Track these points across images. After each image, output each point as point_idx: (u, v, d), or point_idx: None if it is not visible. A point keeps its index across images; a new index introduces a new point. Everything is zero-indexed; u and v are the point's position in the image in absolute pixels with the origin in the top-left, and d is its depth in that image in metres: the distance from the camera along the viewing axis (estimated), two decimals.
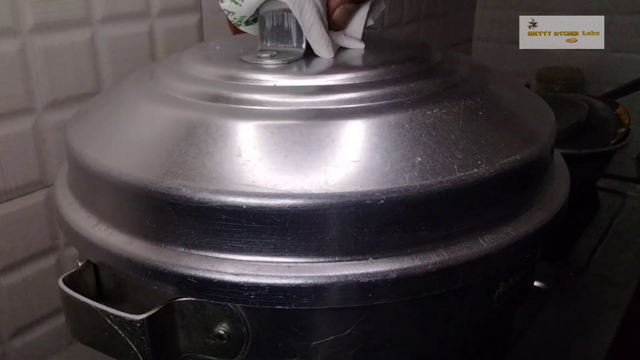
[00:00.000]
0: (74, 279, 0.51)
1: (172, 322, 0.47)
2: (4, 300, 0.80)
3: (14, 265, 0.80)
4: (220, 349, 0.48)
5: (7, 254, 0.79)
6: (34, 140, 0.78)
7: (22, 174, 0.78)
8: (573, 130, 1.05)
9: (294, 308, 0.45)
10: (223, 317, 0.47)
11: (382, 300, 0.45)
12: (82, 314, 0.48)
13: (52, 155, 0.80)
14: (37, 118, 0.78)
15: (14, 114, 0.76)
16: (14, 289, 0.81)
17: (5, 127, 0.75)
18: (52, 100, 0.79)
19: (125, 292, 0.52)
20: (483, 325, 0.54)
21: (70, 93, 0.81)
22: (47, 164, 0.80)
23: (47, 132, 0.80)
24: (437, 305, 0.49)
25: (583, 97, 1.19)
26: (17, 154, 0.77)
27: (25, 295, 0.82)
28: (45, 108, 0.79)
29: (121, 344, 0.46)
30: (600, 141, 1.06)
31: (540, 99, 0.62)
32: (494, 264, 0.48)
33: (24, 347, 0.83)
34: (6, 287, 0.80)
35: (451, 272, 0.46)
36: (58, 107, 0.80)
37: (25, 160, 0.78)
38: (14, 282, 0.80)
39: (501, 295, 0.53)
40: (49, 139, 0.80)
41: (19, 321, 0.83)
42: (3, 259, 0.79)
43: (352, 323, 0.47)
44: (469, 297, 0.51)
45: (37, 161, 0.79)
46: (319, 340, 0.47)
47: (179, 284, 0.45)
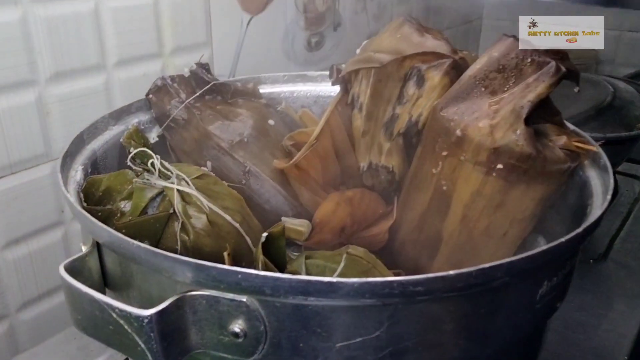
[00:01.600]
0: (77, 266, 0.45)
1: (183, 318, 0.41)
2: (10, 273, 0.76)
3: (20, 239, 0.76)
4: (236, 347, 0.42)
5: (13, 228, 0.75)
6: (37, 112, 0.73)
7: (27, 147, 0.73)
8: (595, 111, 0.98)
9: (317, 304, 0.40)
10: (238, 314, 0.41)
11: (419, 298, 0.40)
12: (85, 305, 0.42)
13: (57, 128, 0.76)
14: (40, 90, 0.73)
15: (17, 85, 0.70)
16: (21, 262, 0.77)
17: (8, 99, 0.70)
18: (56, 72, 0.74)
19: (132, 280, 0.46)
20: (523, 327, 0.48)
21: (74, 65, 0.76)
22: (51, 137, 0.76)
23: (51, 105, 0.74)
24: (476, 306, 0.43)
25: (605, 77, 1.12)
26: (21, 127, 0.72)
27: (33, 268, 0.78)
28: (49, 80, 0.73)
29: (127, 339, 0.41)
30: (625, 124, 0.99)
31: None
32: (539, 261, 0.43)
33: (31, 320, 0.80)
34: (12, 261, 0.76)
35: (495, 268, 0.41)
36: (62, 79, 0.75)
37: (30, 133, 0.73)
38: (20, 256, 0.76)
39: (543, 295, 0.47)
40: (53, 112, 0.74)
41: (26, 294, 0.79)
42: (9, 232, 0.74)
43: (382, 324, 0.41)
44: (511, 297, 0.45)
45: (41, 134, 0.74)
46: (344, 342, 0.42)
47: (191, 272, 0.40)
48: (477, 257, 0.61)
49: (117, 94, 0.81)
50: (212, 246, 0.52)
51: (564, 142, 0.58)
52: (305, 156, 0.64)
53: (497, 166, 0.56)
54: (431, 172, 0.60)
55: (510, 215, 0.58)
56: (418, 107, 0.63)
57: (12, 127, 0.71)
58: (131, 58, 0.81)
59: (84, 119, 0.66)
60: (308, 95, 0.79)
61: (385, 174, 0.67)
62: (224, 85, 0.70)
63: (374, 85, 0.64)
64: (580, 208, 0.56)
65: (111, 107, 0.77)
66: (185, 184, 0.54)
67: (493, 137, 0.55)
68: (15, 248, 0.76)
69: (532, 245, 0.64)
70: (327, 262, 0.51)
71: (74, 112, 0.76)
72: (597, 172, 0.58)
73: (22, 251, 0.76)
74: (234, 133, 0.66)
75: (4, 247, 0.74)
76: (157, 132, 0.68)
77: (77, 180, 0.54)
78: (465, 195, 0.58)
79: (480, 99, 0.58)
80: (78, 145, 0.59)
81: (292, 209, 0.66)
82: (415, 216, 0.63)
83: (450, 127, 0.58)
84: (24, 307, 0.79)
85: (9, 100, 0.70)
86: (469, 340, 0.46)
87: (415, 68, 0.63)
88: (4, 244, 0.74)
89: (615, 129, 0.98)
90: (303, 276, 0.39)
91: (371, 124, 0.66)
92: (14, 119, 0.71)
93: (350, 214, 0.63)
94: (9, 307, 0.77)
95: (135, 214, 0.52)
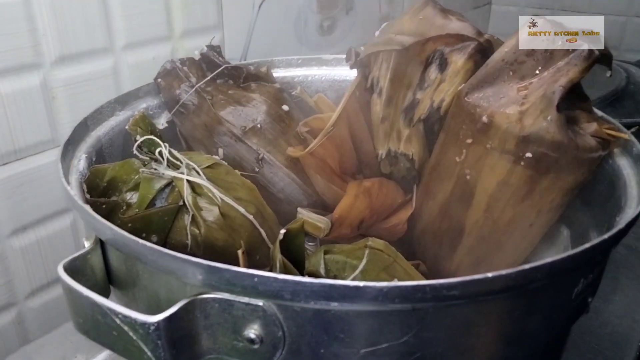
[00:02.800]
0: (78, 265, 0.39)
1: (193, 322, 0.36)
2: (18, 261, 0.71)
3: (28, 226, 0.71)
4: (251, 353, 0.37)
5: (20, 215, 0.70)
6: (43, 97, 0.68)
7: (32, 133, 0.68)
8: (611, 97, 0.92)
9: (340, 309, 0.34)
10: (254, 319, 0.36)
11: (451, 302, 0.34)
12: (86, 309, 0.37)
13: (63, 113, 0.70)
14: (45, 74, 0.67)
15: (20, 69, 0.65)
16: (29, 250, 0.72)
17: (12, 83, 0.65)
18: (61, 55, 0.68)
19: (138, 280, 0.41)
20: (556, 326, 0.43)
21: (80, 48, 0.70)
22: (58, 123, 0.70)
23: (57, 89, 0.69)
24: (512, 308, 0.38)
25: (617, 62, 1.06)
26: (26, 112, 0.67)
27: (40, 256, 0.74)
28: (54, 63, 0.68)
29: (132, 346, 0.36)
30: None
31: None
32: (581, 260, 0.37)
33: (40, 308, 0.76)
34: (19, 249, 0.71)
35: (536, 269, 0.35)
36: (68, 63, 0.69)
37: (35, 118, 0.68)
38: (28, 243, 0.72)
39: (578, 294, 0.42)
40: (59, 96, 0.69)
41: (34, 282, 0.74)
42: (15, 219, 0.69)
43: (410, 329, 0.36)
44: (548, 297, 0.40)
45: (47, 119, 0.69)
46: (368, 348, 0.36)
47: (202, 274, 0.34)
48: (500, 248, 0.55)
49: (125, 78, 0.75)
50: (225, 240, 0.47)
51: (594, 129, 0.52)
52: (321, 144, 0.58)
53: (525, 155, 0.50)
54: (454, 161, 0.54)
55: (537, 206, 0.53)
56: (440, 92, 0.57)
57: (16, 112, 0.66)
58: (140, 41, 0.75)
59: (91, 104, 0.60)
60: (323, 79, 0.73)
61: (405, 161, 0.61)
62: (236, 69, 0.65)
63: (394, 68, 0.58)
64: (612, 198, 0.51)
65: (120, 91, 0.71)
66: (196, 174, 0.49)
67: (522, 124, 0.50)
68: (22, 235, 0.71)
69: (554, 235, 0.58)
70: (347, 258, 0.45)
71: (81, 96, 0.70)
72: (629, 161, 0.53)
73: (30, 238, 0.72)
74: (246, 119, 0.61)
75: (10, 234, 0.69)
76: (167, 117, 0.62)
77: (80, 170, 0.48)
78: (491, 185, 0.53)
79: (508, 84, 0.52)
80: (81, 132, 0.54)
81: (307, 198, 0.61)
82: (436, 206, 0.58)
83: (476, 114, 0.52)
84: (32, 295, 0.74)
85: (12, 84, 0.64)
86: (502, 343, 0.40)
87: (438, 51, 0.57)
88: (11, 232, 0.69)
89: (630, 115, 0.92)
90: (326, 280, 0.33)
91: (391, 110, 0.60)
92: (18, 103, 0.65)
93: (368, 206, 0.58)
94: (17, 295, 0.73)
95: (142, 207, 0.46)
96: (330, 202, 0.60)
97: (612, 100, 0.93)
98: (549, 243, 0.58)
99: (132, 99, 0.62)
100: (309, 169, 0.59)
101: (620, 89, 0.95)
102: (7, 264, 0.70)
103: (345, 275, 0.44)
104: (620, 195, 0.50)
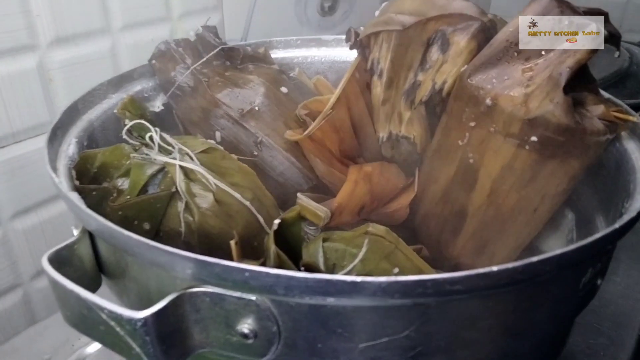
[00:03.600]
0: (64, 255, 0.37)
1: (184, 317, 0.33)
2: (21, 243, 0.69)
3: (30, 208, 0.69)
4: (246, 347, 0.34)
5: (21, 197, 0.67)
6: (40, 79, 0.65)
7: (30, 116, 0.65)
8: (613, 78, 0.88)
9: (337, 304, 0.32)
10: (247, 313, 0.33)
11: (455, 296, 0.31)
12: (72, 302, 0.34)
13: (61, 95, 0.67)
14: (41, 56, 0.64)
15: (15, 50, 0.62)
16: (31, 232, 0.70)
17: (7, 65, 0.61)
18: (57, 36, 0.65)
19: (127, 271, 0.38)
20: (562, 317, 0.40)
21: (76, 29, 0.66)
22: (56, 105, 0.67)
23: (53, 72, 0.65)
24: (518, 301, 0.35)
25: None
26: (22, 94, 0.63)
27: (44, 237, 0.71)
28: (50, 45, 0.64)
29: (120, 341, 0.33)
30: None
31: None
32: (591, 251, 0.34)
33: (45, 288, 0.74)
34: (22, 231, 0.69)
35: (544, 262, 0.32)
36: (64, 45, 0.66)
37: (32, 100, 0.65)
38: (30, 225, 0.69)
39: (586, 283, 0.39)
40: (56, 78, 0.66)
41: (39, 263, 0.70)
42: (16, 202, 0.67)
43: (411, 323, 0.33)
44: (555, 289, 0.36)
45: (45, 102, 0.66)
46: (368, 343, 0.34)
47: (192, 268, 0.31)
48: (504, 233, 0.52)
49: (124, 60, 0.72)
50: (220, 227, 0.44)
51: (602, 111, 0.49)
52: (320, 127, 0.55)
53: (530, 139, 0.47)
54: (457, 144, 0.51)
55: (542, 190, 0.49)
56: (442, 73, 0.54)
57: (12, 95, 0.62)
58: (138, 22, 0.72)
59: (89, 86, 0.57)
60: (323, 60, 0.69)
61: (406, 144, 0.58)
62: (233, 50, 0.61)
63: (395, 49, 0.54)
64: (619, 183, 0.47)
65: (118, 73, 0.68)
66: (189, 159, 0.45)
67: (527, 106, 0.46)
68: (25, 217, 0.68)
69: (559, 219, 0.55)
70: (347, 246, 0.42)
71: (79, 79, 0.67)
72: (637, 145, 0.49)
73: (32, 220, 0.69)
74: (244, 101, 0.57)
75: (12, 217, 0.67)
76: (163, 100, 0.59)
77: (70, 155, 0.45)
78: (494, 169, 0.50)
79: (512, 65, 0.49)
80: (72, 115, 0.50)
81: (307, 182, 0.57)
82: (439, 190, 0.54)
83: (479, 96, 0.48)
84: (37, 276, 0.72)
85: (7, 66, 0.61)
86: (507, 337, 0.37)
87: (440, 31, 0.53)
88: (12, 214, 0.67)
89: (634, 96, 0.88)
90: (321, 275, 0.30)
91: (391, 92, 0.56)
92: (14, 86, 0.62)
93: (369, 192, 0.54)
94: (22, 276, 0.71)
95: (133, 193, 0.43)
96: (331, 186, 0.57)
97: (615, 82, 0.89)
98: (553, 227, 0.55)
99: (126, 81, 0.58)
100: (309, 152, 0.56)
101: (623, 70, 0.91)
102: (10, 246, 0.68)
103: (345, 264, 0.41)
104: (628, 180, 0.46)
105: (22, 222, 0.68)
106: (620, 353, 0.58)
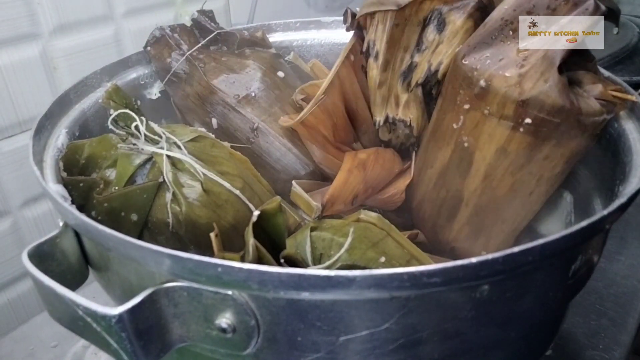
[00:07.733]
0: (46, 250, 0.35)
1: (161, 312, 0.32)
2: (32, 230, 0.68)
3: (39, 196, 0.68)
4: (226, 341, 0.33)
5: (30, 186, 0.67)
6: (44, 68, 0.63)
7: (35, 104, 0.64)
8: (621, 54, 0.84)
9: (312, 299, 0.30)
10: (225, 307, 0.31)
11: (433, 289, 0.29)
12: (52, 298, 0.33)
13: (66, 83, 0.65)
14: (44, 44, 0.63)
15: (18, 39, 0.60)
16: (42, 219, 0.69)
17: (10, 54, 0.60)
18: (59, 24, 0.63)
19: (109, 263, 0.36)
20: (551, 306, 0.38)
21: (78, 16, 0.65)
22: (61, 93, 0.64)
23: (57, 60, 0.64)
24: (502, 291, 0.33)
25: (628, 17, 0.97)
26: (27, 83, 0.62)
27: (54, 225, 0.69)
28: (52, 33, 0.63)
29: (99, 337, 0.31)
30: None
31: None
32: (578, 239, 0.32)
33: None
34: (32, 219, 0.68)
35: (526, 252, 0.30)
36: (67, 32, 0.64)
37: (37, 89, 0.63)
38: (40, 213, 0.69)
39: (576, 271, 0.36)
40: (60, 67, 0.65)
41: None
42: (25, 190, 0.66)
43: (391, 316, 0.31)
44: (541, 278, 0.34)
45: (50, 90, 0.65)
46: (348, 336, 0.32)
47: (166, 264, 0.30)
48: (500, 217, 0.50)
49: (128, 46, 0.70)
50: (208, 217, 0.42)
51: (599, 91, 0.46)
52: (312, 112, 0.52)
53: (525, 121, 0.44)
54: (452, 127, 0.49)
55: (538, 173, 0.47)
56: (438, 54, 0.51)
57: (17, 84, 0.61)
58: (141, 7, 0.70)
59: None
60: (322, 43, 0.67)
61: (403, 128, 0.55)
62: (230, 35, 0.59)
63: (390, 30, 0.52)
64: (617, 164, 0.45)
65: None
66: (177, 148, 0.44)
67: (521, 87, 0.44)
68: (35, 206, 0.68)
69: (557, 201, 0.53)
70: (334, 235, 0.41)
71: (84, 66, 0.66)
72: (635, 125, 0.46)
73: (43, 208, 0.69)
74: (240, 87, 0.55)
75: (22, 205, 0.66)
76: (159, 87, 0.57)
77: (59, 147, 0.43)
78: (489, 152, 0.47)
79: (507, 44, 0.46)
80: (63, 105, 0.49)
81: (304, 168, 0.55)
82: (434, 174, 0.52)
83: (473, 77, 0.46)
84: None
85: (11, 55, 0.60)
86: (492, 327, 0.35)
87: (436, 10, 0.51)
88: (22, 202, 0.66)
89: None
90: (295, 270, 0.28)
91: (388, 74, 0.54)
92: (18, 75, 0.61)
93: (362, 181, 0.52)
94: None
95: (120, 184, 0.42)
96: (329, 172, 0.55)
97: (623, 58, 0.84)
98: (551, 209, 0.52)
99: (121, 69, 0.57)
100: (305, 139, 0.54)
101: (631, 46, 0.86)
102: (21, 234, 0.67)
103: (332, 254, 0.40)
104: (624, 162, 0.44)
105: (33, 210, 0.68)
106: (621, 334, 0.56)
